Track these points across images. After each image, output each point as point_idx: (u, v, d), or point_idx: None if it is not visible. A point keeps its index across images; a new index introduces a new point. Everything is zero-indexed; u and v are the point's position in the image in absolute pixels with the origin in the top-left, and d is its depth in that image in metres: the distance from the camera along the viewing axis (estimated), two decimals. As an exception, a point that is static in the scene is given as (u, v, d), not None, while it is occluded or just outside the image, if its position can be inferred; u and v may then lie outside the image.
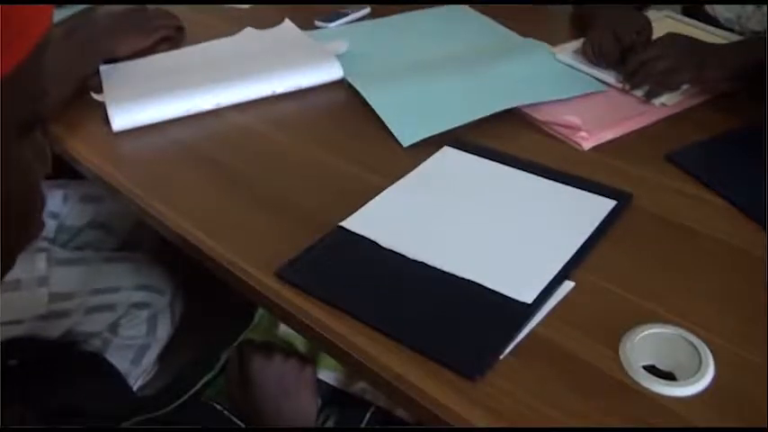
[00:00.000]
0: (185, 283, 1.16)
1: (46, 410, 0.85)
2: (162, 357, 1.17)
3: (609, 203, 0.76)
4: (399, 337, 0.62)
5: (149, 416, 0.75)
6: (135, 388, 1.11)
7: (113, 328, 1.08)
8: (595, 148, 0.87)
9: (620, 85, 0.96)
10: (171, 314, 1.13)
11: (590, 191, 0.77)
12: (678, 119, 0.92)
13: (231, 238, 0.74)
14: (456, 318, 0.63)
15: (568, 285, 0.66)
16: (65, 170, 0.89)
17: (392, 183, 0.80)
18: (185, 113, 0.95)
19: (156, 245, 1.15)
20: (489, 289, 0.65)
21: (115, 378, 1.04)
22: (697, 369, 0.59)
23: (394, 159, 0.85)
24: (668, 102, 0.93)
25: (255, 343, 0.82)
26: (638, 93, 0.95)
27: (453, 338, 0.61)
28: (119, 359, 1.08)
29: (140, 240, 1.17)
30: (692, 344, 0.61)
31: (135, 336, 1.10)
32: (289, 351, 0.81)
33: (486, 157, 0.84)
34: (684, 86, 0.94)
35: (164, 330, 1.13)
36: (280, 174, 0.84)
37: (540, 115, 0.91)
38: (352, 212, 0.75)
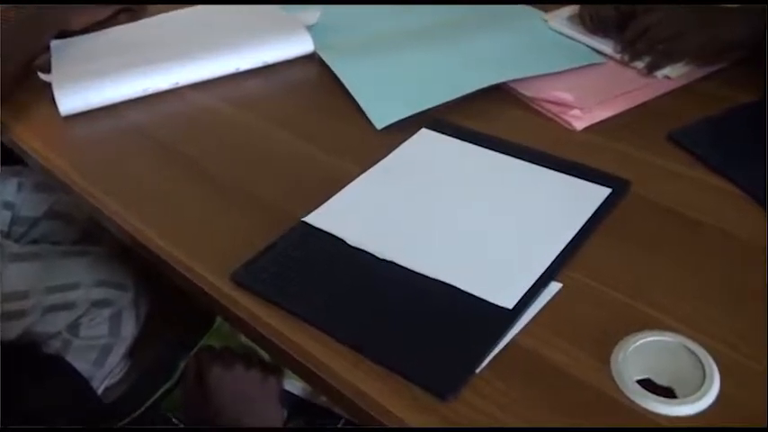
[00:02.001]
0: (151, 277, 1.13)
1: (12, 416, 0.81)
2: (130, 355, 1.13)
3: (603, 192, 0.73)
4: (363, 350, 0.59)
5: (105, 429, 0.71)
6: (100, 391, 1.08)
7: (73, 328, 1.05)
8: (589, 129, 0.83)
9: (618, 56, 0.92)
10: (136, 311, 1.10)
11: (582, 177, 0.74)
12: (683, 93, 0.89)
13: (186, 238, 0.72)
14: (427, 326, 0.61)
15: (555, 287, 0.63)
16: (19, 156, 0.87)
17: (365, 170, 0.77)
18: (141, 94, 0.93)
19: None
20: (465, 292, 0.63)
21: (78, 381, 1.01)
22: (700, 384, 0.55)
23: (367, 143, 0.82)
24: (672, 74, 0.90)
25: (215, 350, 0.79)
26: (639, 64, 0.91)
27: (423, 352, 0.59)
28: (80, 361, 1.05)
29: (102, 231, 1.12)
30: (694, 354, 0.57)
31: (97, 336, 1.07)
32: (251, 358, 0.79)
33: (468, 140, 0.81)
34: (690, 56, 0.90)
35: (128, 329, 1.09)
36: (243, 161, 0.82)
37: (529, 91, 0.88)
38: (320, 205, 0.73)
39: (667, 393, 0.56)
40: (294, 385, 0.78)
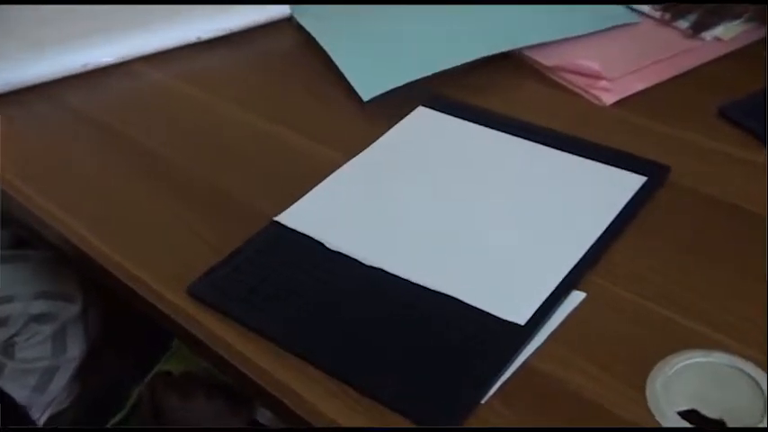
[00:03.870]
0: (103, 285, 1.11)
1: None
2: (78, 380, 1.12)
3: (637, 180, 0.72)
4: (346, 378, 0.59)
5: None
6: (41, 421, 1.07)
7: (7, 348, 1.05)
8: (620, 104, 0.84)
9: (657, 14, 0.94)
10: (84, 327, 1.09)
11: (611, 163, 0.74)
12: (737, 59, 0.89)
13: (135, 244, 0.72)
14: (423, 347, 0.60)
15: (577, 297, 0.63)
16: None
17: (349, 159, 0.78)
18: (81, 70, 0.93)
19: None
20: (468, 306, 0.62)
21: (12, 411, 1.00)
22: (760, 415, 0.55)
23: (354, 126, 0.83)
24: (724, 35, 0.90)
25: (172, 376, 0.79)
26: (683, 23, 0.92)
27: (419, 378, 0.58)
28: (16, 387, 1.05)
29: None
30: (751, 378, 0.57)
31: (37, 357, 1.06)
32: (216, 385, 0.78)
33: (473, 120, 0.81)
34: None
35: (76, 347, 1.09)
36: (204, 151, 0.82)
37: (548, 60, 0.88)
38: (295, 201, 0.73)
39: (718, 428, 0.55)
40: (267, 416, 0.78)
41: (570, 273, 0.64)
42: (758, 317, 0.60)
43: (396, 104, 0.83)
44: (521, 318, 0.60)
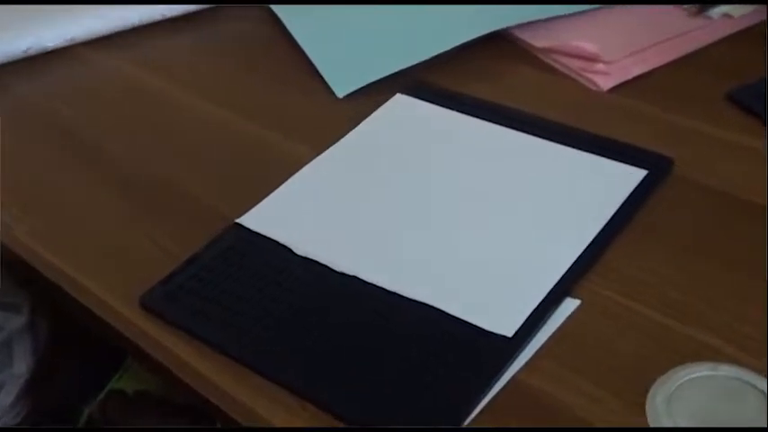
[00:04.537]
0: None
1: None
2: (27, 396, 1.11)
3: (637, 174, 0.73)
4: (314, 399, 0.58)
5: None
6: (-14, 443, 1.06)
7: None
8: (619, 89, 0.84)
9: None
10: (32, 339, 1.07)
11: (609, 155, 0.75)
12: (748, 38, 0.89)
13: (82, 250, 0.72)
14: (401, 363, 0.60)
15: (571, 305, 0.63)
16: None
17: (320, 153, 0.78)
18: (22, 56, 0.93)
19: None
20: (451, 317, 0.62)
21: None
22: None
23: (325, 117, 0.83)
24: (734, 12, 0.91)
25: (126, 395, 0.80)
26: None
27: (397, 398, 0.58)
28: (-42, 407, 1.03)
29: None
30: (762, 393, 0.56)
31: (-21, 373, 1.04)
32: (174, 405, 0.79)
33: (457, 109, 0.82)
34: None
35: (23, 362, 1.07)
36: (161, 146, 0.83)
37: (540, 41, 0.89)
38: (260, 201, 0.73)
39: (722, 446, 0.55)
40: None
41: (563, 278, 0.64)
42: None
43: (373, 92, 0.83)
44: (508, 329, 0.60)
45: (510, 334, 0.60)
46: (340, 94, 0.84)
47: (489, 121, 0.79)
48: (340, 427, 0.56)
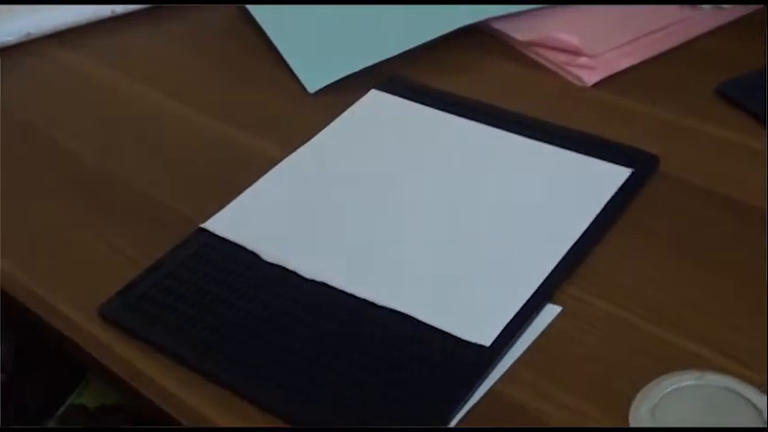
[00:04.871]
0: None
1: None
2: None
3: (621, 173, 0.73)
4: (282, 412, 0.58)
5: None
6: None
7: None
8: (603, 83, 0.84)
9: None
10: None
11: (592, 154, 0.75)
12: (740, 30, 0.89)
13: (39, 257, 0.72)
14: (373, 374, 0.60)
15: (552, 312, 0.63)
16: None
17: (290, 153, 0.78)
18: None
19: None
20: (426, 325, 0.62)
21: None
22: None
23: (296, 115, 0.83)
24: (726, 3, 0.90)
25: (87, 410, 0.80)
26: None
27: (366, 410, 0.58)
28: None
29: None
30: (751, 404, 0.56)
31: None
32: (139, 421, 0.78)
33: (433, 105, 0.82)
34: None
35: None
36: (123, 146, 0.83)
37: (520, 34, 0.89)
38: (226, 205, 0.73)
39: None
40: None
41: (544, 284, 0.63)
42: (761, 332, 0.60)
43: (346, 88, 0.83)
44: (486, 338, 0.60)
45: (488, 343, 0.60)
46: (311, 89, 0.84)
47: (468, 117, 0.79)
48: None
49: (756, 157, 0.74)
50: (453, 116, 0.79)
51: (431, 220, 0.70)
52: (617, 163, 0.73)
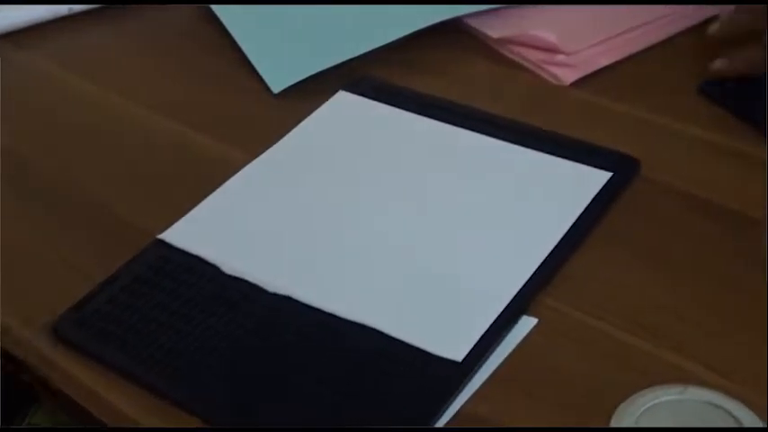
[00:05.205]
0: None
1: None
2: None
3: (600, 177, 0.73)
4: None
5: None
6: None
7: None
8: (582, 82, 0.84)
9: None
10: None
11: (570, 157, 0.75)
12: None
13: None
14: (339, 392, 0.60)
15: (527, 324, 0.63)
16: None
17: (253, 159, 0.78)
18: None
19: None
20: (395, 340, 0.62)
21: None
22: None
23: (260, 119, 0.84)
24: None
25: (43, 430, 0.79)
26: None
27: (334, 428, 0.58)
28: None
29: None
30: (733, 418, 0.56)
31: None
32: None
33: (404, 107, 0.82)
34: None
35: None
36: (76, 150, 0.82)
37: (494, 31, 0.88)
38: (185, 214, 0.73)
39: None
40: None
41: (518, 294, 0.63)
42: (745, 344, 0.60)
43: (313, 89, 0.83)
44: (458, 353, 0.60)
45: (459, 358, 0.59)
46: (276, 89, 0.84)
47: (440, 119, 0.79)
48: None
49: (741, 160, 0.74)
50: (425, 118, 0.80)
51: (401, 228, 0.71)
52: (596, 166, 0.73)
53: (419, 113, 0.80)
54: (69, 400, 0.63)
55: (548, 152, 0.75)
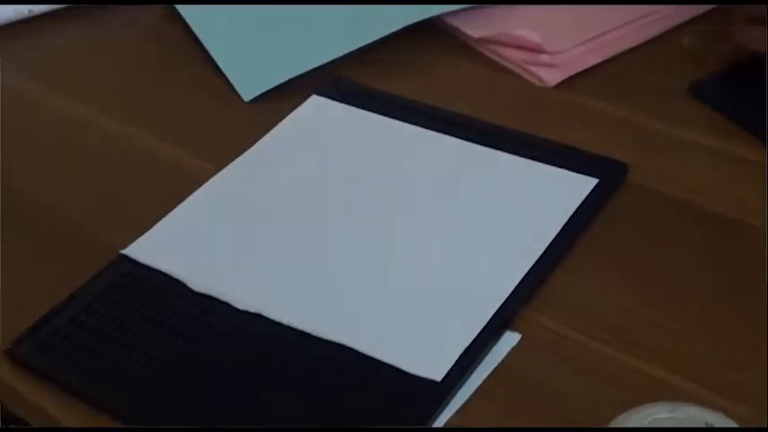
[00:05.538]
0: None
1: None
2: None
3: (587, 183, 0.73)
4: None
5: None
6: None
7: None
8: (567, 84, 0.84)
9: None
10: None
11: (554, 163, 0.75)
12: (718, 20, 0.89)
13: None
14: (315, 413, 0.59)
15: (510, 340, 0.62)
16: None
17: (221, 169, 0.78)
18: None
19: None
20: (371, 359, 0.62)
21: None
22: None
23: (229, 127, 0.84)
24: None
25: None
26: None
27: None
28: None
29: None
30: None
31: None
32: None
33: (380, 111, 0.82)
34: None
35: None
36: (35, 161, 0.82)
37: (475, 31, 0.89)
38: (150, 228, 0.73)
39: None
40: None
41: (501, 309, 0.63)
42: (737, 359, 0.60)
43: (286, 94, 0.83)
44: (437, 372, 0.59)
45: (439, 378, 0.59)
46: (246, 97, 0.84)
47: (418, 124, 0.79)
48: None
49: (735, 163, 0.74)
50: (402, 123, 0.80)
51: (377, 241, 0.70)
52: (581, 172, 0.73)
53: (396, 118, 0.80)
54: (29, 428, 0.62)
55: (531, 157, 0.75)
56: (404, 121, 0.80)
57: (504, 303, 0.64)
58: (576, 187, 0.72)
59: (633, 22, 0.87)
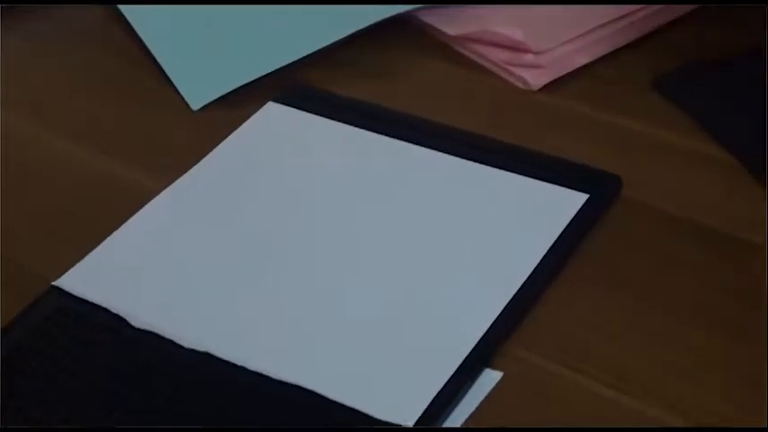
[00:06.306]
0: None
1: None
2: None
3: (575, 199, 0.73)
4: None
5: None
6: None
7: None
8: (553, 86, 0.85)
9: None
10: None
11: (540, 176, 0.75)
12: (718, 14, 0.90)
13: None
14: None
15: (491, 379, 0.62)
16: None
17: (167, 186, 0.79)
18: None
19: None
20: (335, 404, 0.61)
21: None
22: None
23: (181, 139, 0.84)
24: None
25: None
26: None
27: None
28: None
29: None
30: None
31: None
32: None
33: (344, 120, 0.82)
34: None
35: None
36: None
37: (452, 28, 0.89)
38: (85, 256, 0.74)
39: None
40: None
41: (479, 344, 0.63)
42: (746, 398, 0.59)
43: (238, 100, 0.84)
44: (408, 417, 0.59)
45: (411, 423, 0.59)
46: (195, 106, 0.85)
47: (387, 134, 0.79)
48: None
49: (739, 178, 0.74)
50: (369, 132, 0.80)
51: (339, 267, 0.70)
52: (570, 187, 0.73)
53: (363, 127, 0.80)
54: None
55: (514, 171, 0.75)
56: (371, 130, 0.80)
57: (483, 337, 0.63)
58: (564, 203, 0.72)
59: (625, 17, 0.87)
